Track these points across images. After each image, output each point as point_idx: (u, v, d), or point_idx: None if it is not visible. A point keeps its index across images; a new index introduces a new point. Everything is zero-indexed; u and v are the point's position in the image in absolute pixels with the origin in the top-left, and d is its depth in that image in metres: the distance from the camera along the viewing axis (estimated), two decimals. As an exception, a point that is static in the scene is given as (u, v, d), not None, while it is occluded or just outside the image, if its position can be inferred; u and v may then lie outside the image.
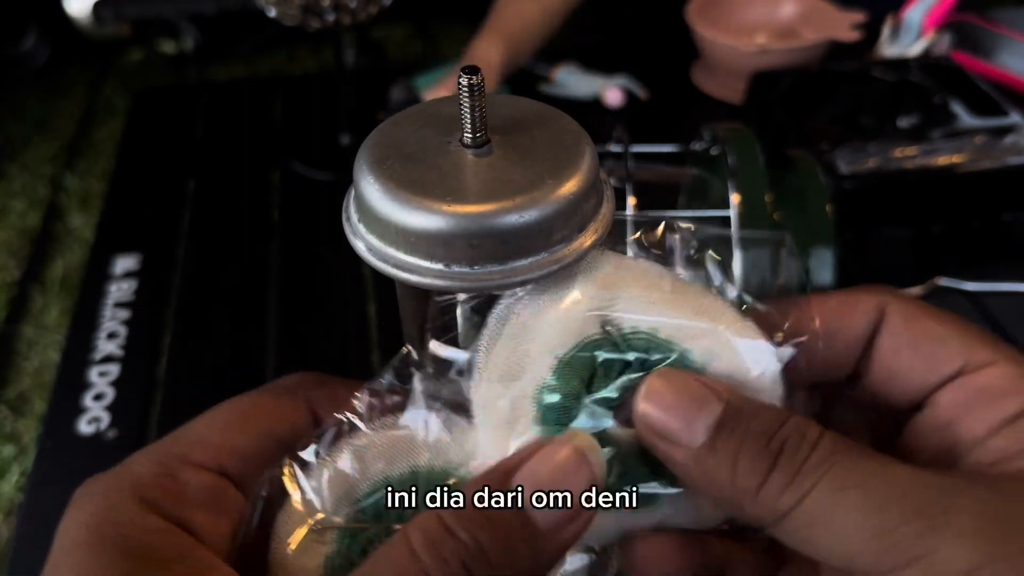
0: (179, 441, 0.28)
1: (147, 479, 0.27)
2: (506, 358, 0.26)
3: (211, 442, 0.28)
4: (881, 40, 1.01)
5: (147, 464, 0.27)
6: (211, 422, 0.30)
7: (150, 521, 0.25)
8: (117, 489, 0.26)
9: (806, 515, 0.23)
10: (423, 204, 0.22)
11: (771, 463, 0.23)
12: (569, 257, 0.23)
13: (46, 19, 1.08)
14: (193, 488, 0.27)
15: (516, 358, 0.26)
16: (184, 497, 0.27)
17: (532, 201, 0.22)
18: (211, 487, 0.28)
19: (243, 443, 0.29)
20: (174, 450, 0.28)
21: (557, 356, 0.25)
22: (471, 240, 0.22)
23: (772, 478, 0.23)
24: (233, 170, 0.96)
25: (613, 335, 0.25)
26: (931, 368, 0.26)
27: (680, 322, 0.25)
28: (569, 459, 0.24)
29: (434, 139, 0.24)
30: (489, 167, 0.23)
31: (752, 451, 0.24)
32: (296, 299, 0.77)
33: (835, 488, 0.23)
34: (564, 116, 0.26)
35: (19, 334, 0.75)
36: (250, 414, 0.30)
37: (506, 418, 0.27)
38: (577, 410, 0.26)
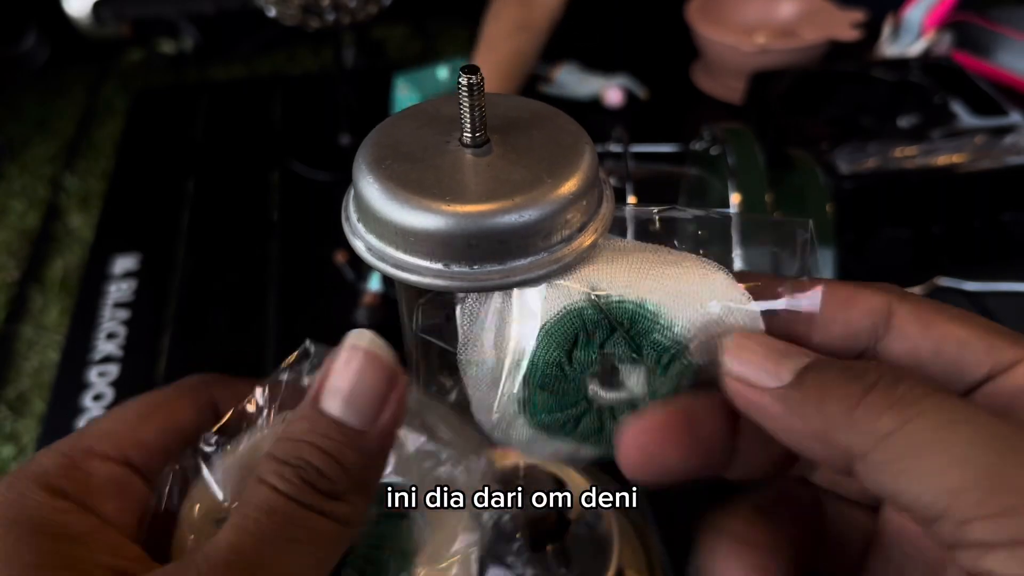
0: (84, 435, 0.29)
1: (53, 469, 0.27)
2: (491, 327, 0.26)
3: (116, 435, 0.29)
4: (881, 40, 1.01)
5: (53, 456, 0.28)
6: (116, 416, 0.31)
7: (58, 504, 0.26)
8: (23, 479, 0.27)
9: (905, 443, 0.21)
10: (422, 204, 0.22)
11: (865, 390, 0.22)
12: (569, 257, 0.23)
13: (46, 19, 1.08)
14: (98, 477, 0.28)
15: (499, 326, 0.26)
16: (89, 485, 0.28)
17: (531, 201, 0.22)
18: (116, 476, 0.28)
19: (148, 436, 0.30)
20: (80, 443, 0.29)
21: (541, 323, 0.25)
22: (470, 240, 0.22)
23: (870, 398, 0.22)
24: (232, 170, 0.96)
25: (598, 303, 0.24)
26: (955, 375, 0.25)
27: (669, 292, 0.25)
28: (358, 360, 0.26)
29: (433, 139, 0.24)
30: (488, 167, 0.23)
31: (843, 382, 0.23)
32: (295, 299, 0.77)
33: (943, 419, 0.21)
34: (563, 115, 0.26)
35: (19, 334, 0.75)
36: (155, 409, 0.31)
37: (491, 385, 0.27)
38: (561, 378, 0.26)
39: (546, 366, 0.26)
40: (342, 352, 0.27)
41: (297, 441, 0.26)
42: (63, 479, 0.27)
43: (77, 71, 1.13)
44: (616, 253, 0.25)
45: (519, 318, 0.25)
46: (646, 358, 0.26)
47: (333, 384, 0.27)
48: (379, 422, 0.26)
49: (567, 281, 0.25)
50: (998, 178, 0.75)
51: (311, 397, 0.27)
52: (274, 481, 0.25)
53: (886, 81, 0.89)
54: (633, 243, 0.26)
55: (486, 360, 0.27)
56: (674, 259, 0.26)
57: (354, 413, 0.26)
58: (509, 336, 0.26)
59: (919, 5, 0.99)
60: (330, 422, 0.26)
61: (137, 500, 0.29)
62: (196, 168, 0.95)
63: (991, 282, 0.73)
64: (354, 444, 0.26)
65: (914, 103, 0.86)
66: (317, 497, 0.25)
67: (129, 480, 0.29)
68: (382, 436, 0.27)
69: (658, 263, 0.26)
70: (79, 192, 0.92)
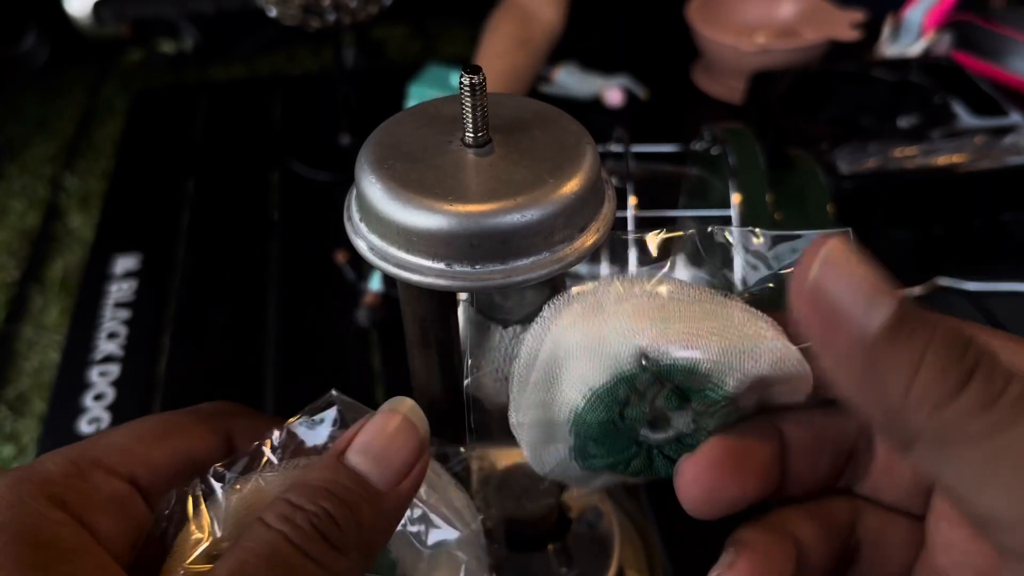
0: (95, 445, 0.29)
1: (57, 477, 0.27)
2: (541, 389, 0.26)
3: (126, 451, 0.29)
4: (881, 40, 1.01)
5: (60, 462, 0.28)
6: (130, 432, 0.30)
7: (54, 514, 0.26)
8: (26, 481, 0.27)
9: (996, 449, 0.20)
10: (425, 203, 0.22)
11: (965, 378, 0.20)
12: (571, 257, 0.23)
13: (46, 19, 1.08)
14: (101, 492, 0.28)
15: (549, 388, 0.26)
16: (91, 499, 0.27)
17: (533, 200, 0.22)
18: (119, 494, 0.28)
19: (158, 457, 0.30)
20: (89, 453, 0.29)
21: (591, 388, 0.25)
22: (472, 239, 0.22)
23: (968, 392, 0.20)
24: (233, 170, 0.96)
25: (650, 369, 0.25)
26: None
27: (720, 351, 0.25)
28: (395, 423, 0.27)
29: (435, 138, 0.24)
30: (490, 166, 0.23)
31: (943, 356, 0.20)
32: (296, 299, 0.77)
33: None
34: (565, 116, 0.26)
35: (19, 334, 0.75)
36: (169, 431, 0.31)
37: (543, 442, 0.28)
38: (613, 432, 0.26)
39: (598, 425, 0.26)
40: (379, 413, 0.27)
41: (316, 487, 0.26)
42: (66, 489, 0.27)
43: (77, 71, 1.13)
44: (661, 307, 0.25)
45: (568, 382, 0.26)
46: (695, 406, 0.26)
47: (364, 441, 0.27)
48: (400, 487, 0.27)
49: (616, 346, 0.25)
50: (998, 178, 0.75)
51: (337, 449, 0.27)
52: (281, 526, 0.25)
53: (886, 81, 0.89)
54: (675, 288, 0.26)
55: (538, 421, 0.27)
56: (721, 311, 0.26)
57: (380, 473, 0.26)
58: (560, 400, 0.26)
59: (919, 5, 0.99)
60: (354, 475, 0.26)
61: (135, 521, 0.28)
62: (196, 168, 0.95)
63: (991, 282, 0.73)
64: (373, 503, 0.26)
65: (914, 103, 0.87)
66: (323, 547, 0.25)
67: (131, 499, 0.29)
68: (400, 502, 0.27)
69: (705, 317, 0.25)
70: (79, 192, 0.92)
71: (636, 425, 0.27)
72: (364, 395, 0.66)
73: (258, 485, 0.30)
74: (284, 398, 0.66)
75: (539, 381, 0.26)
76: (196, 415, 0.32)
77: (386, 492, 0.26)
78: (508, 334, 0.28)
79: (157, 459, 0.29)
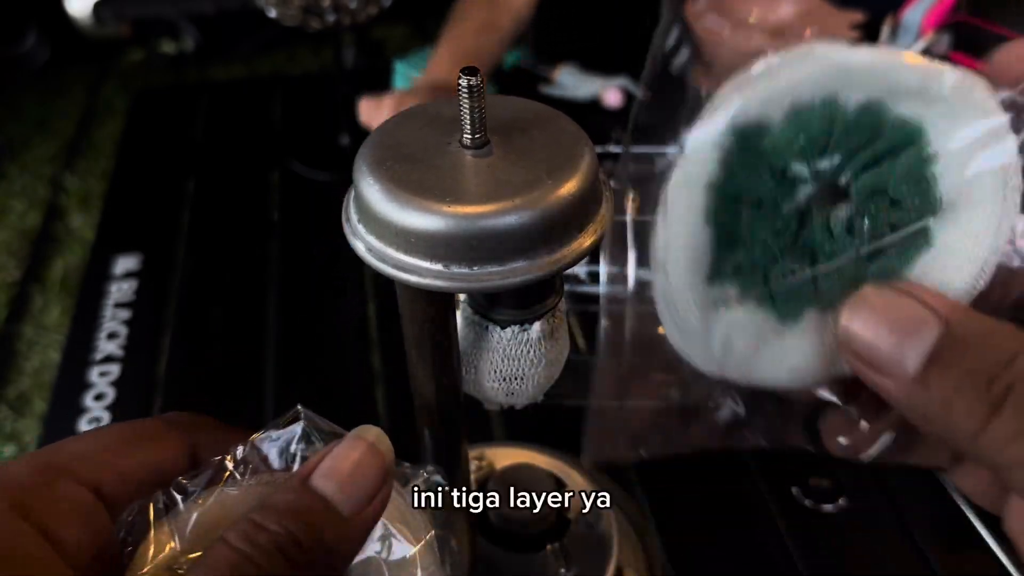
0: (62, 452, 0.29)
1: (26, 483, 0.27)
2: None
3: (93, 459, 0.29)
4: (880, 40, 1.01)
5: (27, 469, 0.28)
6: (96, 440, 0.30)
7: (17, 525, 0.26)
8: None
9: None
10: (423, 205, 0.22)
11: (991, 410, 0.22)
12: (569, 257, 0.23)
13: (46, 19, 1.08)
14: (66, 501, 0.28)
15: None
16: (56, 508, 0.27)
17: (531, 202, 0.22)
18: (84, 503, 0.28)
19: (124, 466, 0.29)
20: (56, 460, 0.28)
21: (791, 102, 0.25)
22: (471, 240, 0.22)
23: (994, 425, 0.22)
24: (233, 170, 0.96)
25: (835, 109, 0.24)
26: None
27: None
28: (361, 450, 0.27)
29: (434, 140, 0.24)
30: (488, 168, 0.23)
31: (970, 393, 0.22)
32: (295, 299, 0.77)
33: None
34: (563, 117, 0.26)
35: (19, 334, 0.75)
36: (136, 440, 0.30)
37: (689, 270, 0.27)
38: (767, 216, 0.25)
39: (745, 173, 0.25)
40: (346, 439, 0.28)
41: (281, 509, 0.26)
42: (32, 497, 0.27)
43: (77, 71, 1.13)
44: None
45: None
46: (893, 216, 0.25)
47: (329, 465, 0.27)
48: (364, 512, 0.27)
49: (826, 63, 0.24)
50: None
51: (303, 473, 0.27)
52: (243, 546, 0.25)
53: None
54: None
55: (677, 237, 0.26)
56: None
57: (345, 498, 0.27)
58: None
59: (918, 6, 0.99)
60: (319, 498, 0.26)
61: (98, 532, 0.28)
62: (196, 168, 0.95)
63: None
64: (337, 526, 0.26)
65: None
66: (284, 568, 0.25)
67: (95, 510, 0.28)
68: (363, 526, 0.27)
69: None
70: (79, 192, 0.92)
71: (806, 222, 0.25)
72: (364, 395, 0.66)
73: (220, 500, 0.29)
74: (284, 398, 0.66)
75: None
76: (162, 425, 0.32)
77: (350, 517, 0.27)
78: (507, 335, 0.28)
79: (123, 469, 0.29)
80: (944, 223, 0.25)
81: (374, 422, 0.52)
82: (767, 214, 0.26)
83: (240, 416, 0.65)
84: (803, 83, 0.25)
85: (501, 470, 0.39)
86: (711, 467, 0.58)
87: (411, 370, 0.29)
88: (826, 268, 0.25)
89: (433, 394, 0.30)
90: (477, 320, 0.29)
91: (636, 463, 0.60)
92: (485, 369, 0.29)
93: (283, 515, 0.26)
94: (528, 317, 0.28)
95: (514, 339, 0.28)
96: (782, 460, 0.59)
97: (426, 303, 0.26)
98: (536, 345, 0.29)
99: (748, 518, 0.56)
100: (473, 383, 0.30)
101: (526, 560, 0.37)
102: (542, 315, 0.28)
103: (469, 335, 0.29)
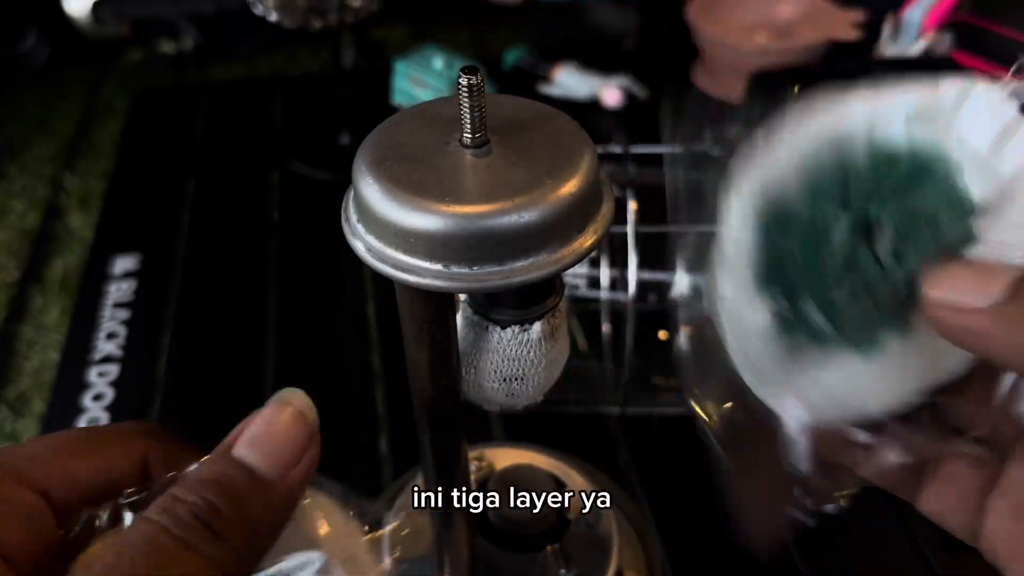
0: (13, 454, 0.29)
1: None
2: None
3: (44, 463, 0.29)
4: (881, 40, 1.01)
5: None
6: (49, 444, 0.30)
7: None
8: None
9: None
10: (422, 205, 0.22)
11: None
12: (569, 258, 0.23)
13: (46, 19, 1.08)
14: (11, 503, 0.27)
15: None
16: (1, 511, 0.27)
17: (531, 202, 0.22)
18: (30, 507, 0.28)
19: (74, 473, 0.29)
20: (6, 461, 0.28)
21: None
22: (470, 240, 0.22)
23: None
24: (233, 170, 0.96)
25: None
26: None
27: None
28: (285, 417, 0.27)
29: (433, 139, 0.24)
30: (488, 167, 0.23)
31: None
32: (295, 299, 0.77)
33: None
34: (563, 116, 0.26)
35: (19, 334, 0.75)
36: (88, 447, 0.30)
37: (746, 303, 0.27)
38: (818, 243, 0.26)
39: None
40: (269, 405, 0.28)
41: (201, 480, 0.26)
42: None
43: (77, 71, 1.13)
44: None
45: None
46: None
47: (252, 432, 0.27)
48: (289, 477, 0.27)
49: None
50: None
51: (226, 443, 0.27)
52: (160, 518, 0.25)
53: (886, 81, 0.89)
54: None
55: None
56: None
57: (269, 464, 0.27)
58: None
59: (919, 5, 0.99)
60: (240, 466, 0.26)
61: (42, 536, 0.28)
62: (196, 168, 0.95)
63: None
64: (260, 494, 0.26)
65: (914, 103, 0.86)
66: (204, 536, 0.25)
67: (41, 514, 0.28)
68: (289, 491, 0.27)
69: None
70: (79, 192, 0.92)
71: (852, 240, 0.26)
72: (364, 395, 0.66)
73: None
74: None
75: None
76: (116, 433, 0.31)
77: (274, 482, 0.26)
78: (507, 335, 0.28)
79: (73, 475, 0.29)
80: (989, 221, 0.25)
81: (374, 422, 0.52)
82: (814, 262, 0.26)
83: (240, 416, 0.65)
84: (808, 145, 0.26)
85: (501, 471, 0.39)
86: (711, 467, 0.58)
87: (410, 370, 0.29)
88: (886, 293, 0.26)
89: (432, 394, 0.29)
90: (477, 320, 0.28)
91: (633, 465, 0.60)
92: (485, 370, 0.29)
93: (203, 485, 0.25)
94: (528, 317, 0.28)
95: (514, 339, 0.28)
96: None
97: (425, 303, 0.26)
98: (536, 345, 0.28)
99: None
100: (473, 384, 0.30)
101: (526, 560, 0.37)
102: (542, 315, 0.28)
103: (469, 335, 0.29)
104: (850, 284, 0.26)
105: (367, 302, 0.76)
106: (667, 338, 0.69)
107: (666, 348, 0.64)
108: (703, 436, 0.31)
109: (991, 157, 0.25)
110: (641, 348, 0.61)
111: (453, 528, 0.34)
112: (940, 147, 0.25)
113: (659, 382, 0.63)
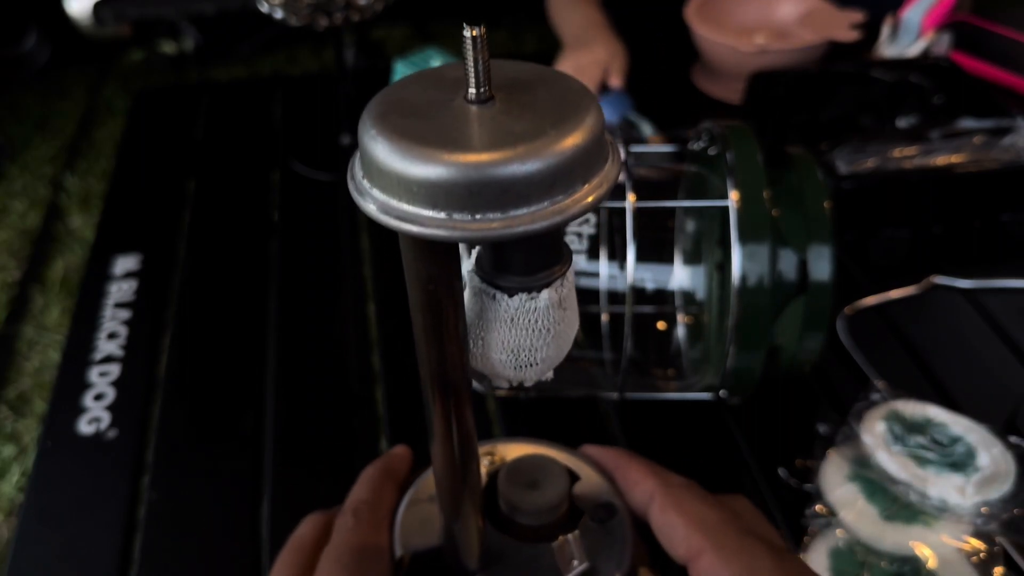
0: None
1: None
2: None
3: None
4: (880, 40, 1.01)
5: None
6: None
7: None
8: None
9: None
10: (425, 153, 0.22)
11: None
12: (572, 209, 0.23)
13: (46, 20, 1.09)
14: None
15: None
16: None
17: (534, 151, 0.22)
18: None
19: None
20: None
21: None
22: (472, 187, 0.22)
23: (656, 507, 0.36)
24: (233, 170, 0.96)
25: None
26: (674, 547, 0.34)
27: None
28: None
29: (438, 97, 0.24)
30: (492, 119, 0.23)
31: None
32: (295, 299, 0.77)
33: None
34: (569, 77, 0.26)
35: (19, 334, 0.75)
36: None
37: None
38: None
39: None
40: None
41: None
42: None
43: (78, 71, 1.13)
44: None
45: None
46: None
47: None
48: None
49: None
50: (997, 178, 0.75)
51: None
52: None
53: (885, 81, 0.89)
54: None
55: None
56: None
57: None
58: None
59: (918, 5, 0.99)
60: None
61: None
62: (197, 168, 0.95)
63: (985, 279, 0.73)
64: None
65: (913, 103, 0.87)
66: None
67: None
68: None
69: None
70: (80, 192, 0.92)
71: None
72: (364, 395, 0.66)
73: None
74: (284, 398, 0.66)
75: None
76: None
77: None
78: (514, 303, 0.28)
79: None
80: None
81: (374, 422, 0.54)
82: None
83: (240, 416, 0.64)
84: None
85: (512, 460, 0.38)
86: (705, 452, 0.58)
87: (416, 339, 0.29)
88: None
89: (438, 364, 0.29)
90: (484, 288, 0.28)
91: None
92: (493, 341, 0.29)
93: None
94: (536, 284, 0.27)
95: (522, 308, 0.28)
96: (771, 443, 0.59)
97: (430, 260, 0.26)
98: (544, 314, 0.28)
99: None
100: (481, 357, 0.30)
101: (537, 551, 0.36)
102: (550, 283, 0.28)
103: (476, 306, 0.29)
104: None
105: (367, 302, 0.76)
106: (665, 328, 0.70)
107: (664, 337, 0.64)
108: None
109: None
110: (639, 338, 0.61)
111: (462, 518, 0.34)
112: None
113: (656, 372, 0.63)
